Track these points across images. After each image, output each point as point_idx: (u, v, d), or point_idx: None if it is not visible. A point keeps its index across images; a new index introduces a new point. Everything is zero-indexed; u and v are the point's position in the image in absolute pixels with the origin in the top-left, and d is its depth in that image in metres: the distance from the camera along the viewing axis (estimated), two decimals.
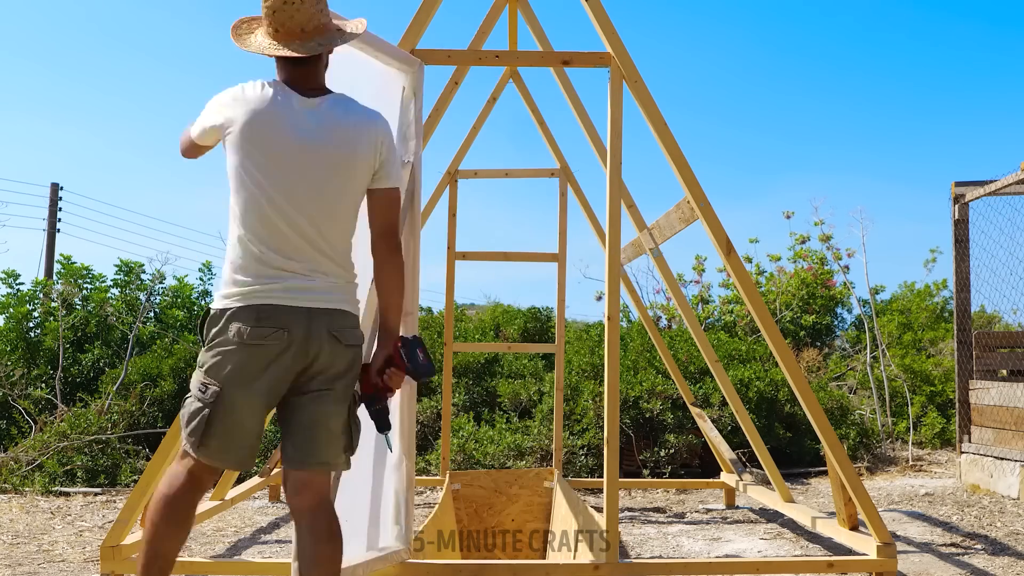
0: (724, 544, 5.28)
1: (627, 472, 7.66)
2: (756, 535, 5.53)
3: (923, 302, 14.88)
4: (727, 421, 7.85)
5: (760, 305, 3.98)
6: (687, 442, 7.73)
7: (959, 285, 7.49)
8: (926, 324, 13.78)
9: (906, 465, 8.26)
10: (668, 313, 12.69)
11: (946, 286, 14.97)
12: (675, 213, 4.79)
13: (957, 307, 7.53)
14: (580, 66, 4.03)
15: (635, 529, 5.77)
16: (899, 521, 5.92)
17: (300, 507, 2.70)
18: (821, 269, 13.34)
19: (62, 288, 9.71)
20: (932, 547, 5.16)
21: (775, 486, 5.48)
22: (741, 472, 6.32)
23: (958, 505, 6.46)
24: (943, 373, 10.42)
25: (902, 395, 9.89)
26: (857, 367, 11.12)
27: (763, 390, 8.30)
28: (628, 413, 7.82)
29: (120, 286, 10.30)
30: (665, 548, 5.19)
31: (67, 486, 7.03)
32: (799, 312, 12.86)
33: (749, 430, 5.64)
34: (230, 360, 2.61)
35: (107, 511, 6.27)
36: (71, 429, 7.47)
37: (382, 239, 2.80)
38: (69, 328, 9.39)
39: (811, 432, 8.04)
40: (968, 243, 7.42)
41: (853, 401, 9.86)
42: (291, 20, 2.68)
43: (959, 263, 7.45)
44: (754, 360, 9.18)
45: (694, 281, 13.69)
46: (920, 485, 7.36)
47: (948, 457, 8.73)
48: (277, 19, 2.70)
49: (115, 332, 9.58)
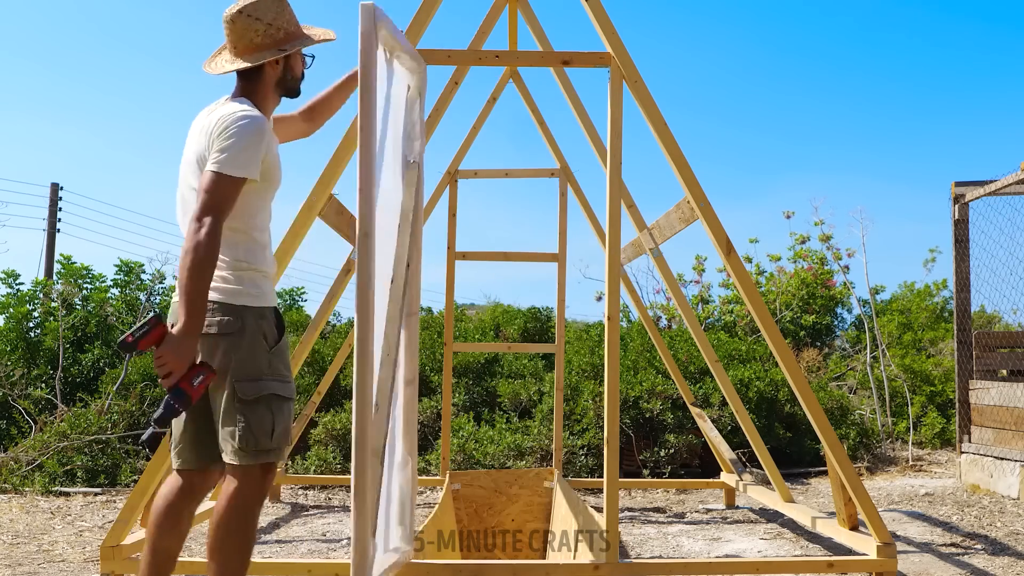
0: (724, 544, 5.28)
1: (627, 472, 7.66)
2: (756, 535, 5.53)
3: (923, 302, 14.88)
4: (727, 421, 7.85)
5: (760, 305, 3.98)
6: (687, 442, 7.73)
7: (959, 285, 7.49)
8: (926, 324, 13.78)
9: (906, 465, 8.26)
10: (668, 313, 12.69)
11: (946, 286, 14.98)
12: (675, 213, 4.79)
13: (957, 307, 7.53)
14: (580, 66, 4.03)
15: (635, 529, 5.77)
16: (899, 521, 5.92)
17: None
18: (821, 269, 13.34)
19: (62, 288, 9.72)
20: (932, 547, 5.16)
21: (775, 486, 5.48)
22: (741, 472, 6.32)
23: (958, 505, 6.46)
24: (943, 373, 10.42)
25: (902, 395, 9.89)
26: (857, 367, 11.12)
27: (763, 390, 8.30)
28: (628, 413, 7.82)
29: (120, 286, 10.31)
30: (665, 548, 5.19)
31: (67, 486, 7.03)
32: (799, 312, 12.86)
33: (749, 430, 5.64)
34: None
35: (107, 511, 6.27)
36: (71, 429, 7.47)
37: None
38: (69, 328, 9.40)
39: (811, 432, 8.04)
40: (968, 243, 7.42)
41: (853, 401, 9.86)
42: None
43: (959, 263, 7.45)
44: (754, 360, 9.18)
45: (694, 281, 13.70)
46: (920, 485, 7.36)
47: (948, 457, 8.73)
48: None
49: (115, 332, 9.58)
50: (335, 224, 4.70)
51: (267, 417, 2.81)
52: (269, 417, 2.81)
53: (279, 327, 2.97)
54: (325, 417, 7.78)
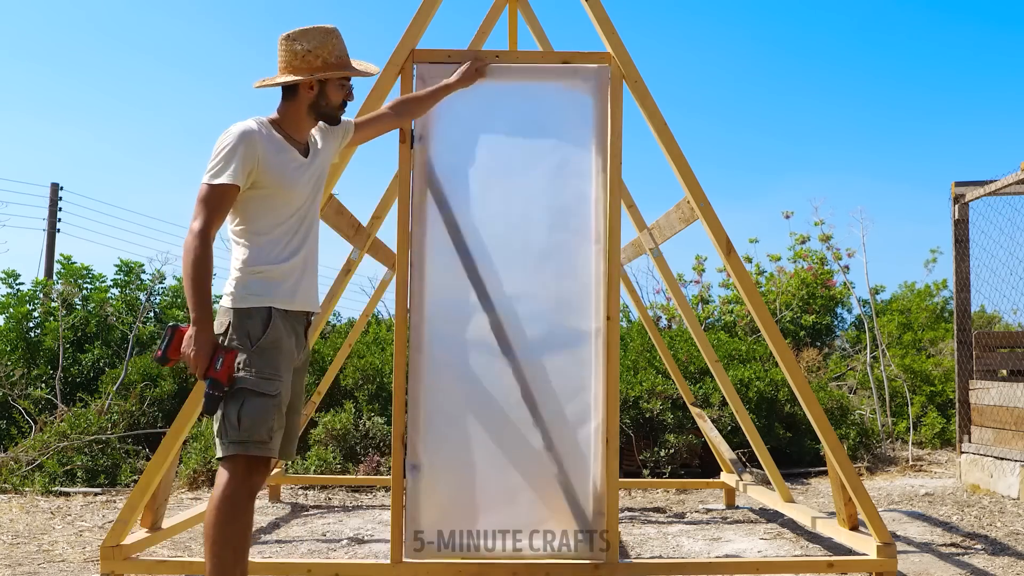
0: (724, 544, 5.28)
1: (627, 472, 7.66)
2: (756, 535, 5.53)
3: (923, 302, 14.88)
4: (727, 421, 7.85)
5: (760, 305, 3.98)
6: (687, 442, 7.73)
7: (959, 285, 7.49)
8: (926, 324, 13.78)
9: (906, 465, 8.26)
10: (668, 313, 12.69)
11: (946, 286, 14.98)
12: (675, 213, 4.79)
13: (957, 307, 7.53)
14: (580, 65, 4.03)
15: (635, 529, 5.77)
16: (899, 521, 5.92)
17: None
18: (821, 269, 13.34)
19: (62, 288, 9.72)
20: (932, 547, 5.16)
21: (775, 486, 5.48)
22: (741, 472, 6.32)
23: (958, 505, 6.46)
24: (943, 373, 10.42)
25: (902, 395, 9.89)
26: (857, 367, 11.11)
27: (763, 390, 8.30)
28: (628, 413, 7.82)
29: (120, 286, 10.30)
30: (665, 548, 5.19)
31: (67, 486, 7.03)
32: (799, 312, 12.86)
33: (749, 430, 5.64)
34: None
35: (107, 511, 6.27)
36: (71, 429, 7.47)
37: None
38: (69, 328, 9.40)
39: (811, 432, 8.04)
40: (968, 243, 7.42)
41: (853, 401, 9.86)
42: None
43: (959, 263, 7.45)
44: (754, 360, 9.18)
45: (694, 281, 13.70)
46: (920, 485, 7.36)
47: (948, 457, 8.73)
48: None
49: (115, 332, 9.58)
50: (335, 224, 4.70)
51: (234, 408, 3.00)
52: (236, 408, 3.00)
53: (272, 326, 3.10)
54: (325, 417, 7.78)
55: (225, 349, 3.00)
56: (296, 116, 3.26)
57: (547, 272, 3.89)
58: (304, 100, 3.24)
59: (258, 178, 3.09)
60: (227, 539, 2.98)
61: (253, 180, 3.09)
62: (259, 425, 3.02)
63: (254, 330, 3.07)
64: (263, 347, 3.07)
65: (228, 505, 2.99)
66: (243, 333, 3.06)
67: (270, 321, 3.10)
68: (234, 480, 3.01)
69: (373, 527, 5.78)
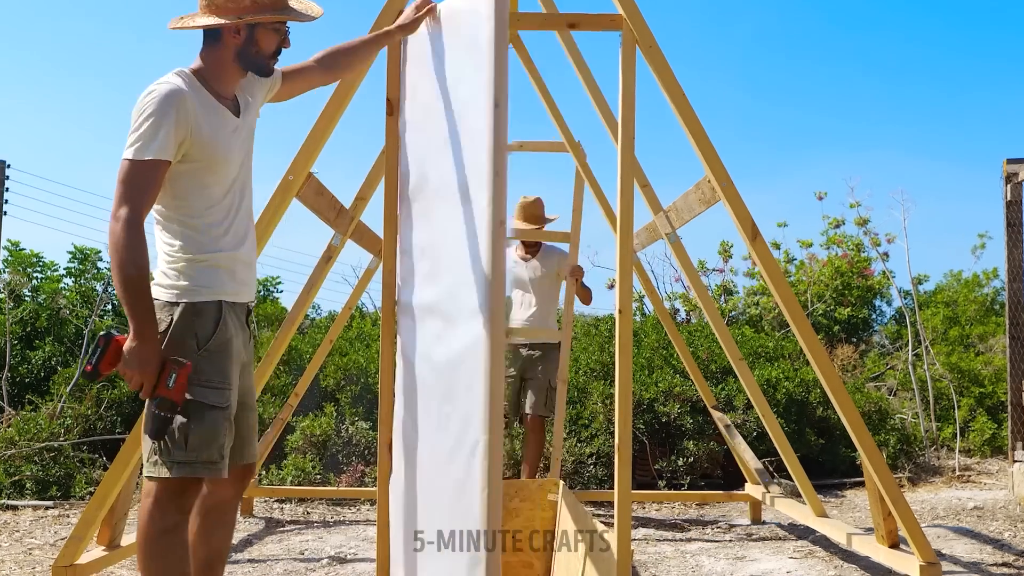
0: (749, 564, 5.30)
1: (641, 483, 7.67)
2: (785, 554, 5.54)
3: (971, 293, 14.89)
4: (752, 426, 7.86)
5: (789, 296, 3.97)
6: (708, 450, 7.74)
7: (1011, 274, 7.49)
8: (974, 318, 13.79)
9: (952, 475, 8.28)
10: (688, 305, 12.68)
11: (997, 275, 14.99)
12: (694, 194, 4.78)
13: (1009, 298, 7.53)
14: (588, 29, 4.01)
15: (649, 547, 5.78)
16: (944, 538, 5.93)
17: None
18: (857, 256, 13.35)
19: (9, 278, 9.73)
20: (982, 567, 5.17)
21: (806, 499, 5.49)
22: (768, 483, 6.33)
23: (1010, 520, 6.47)
24: (993, 372, 10.43)
25: (948, 397, 9.90)
26: (897, 366, 11.13)
27: (793, 391, 8.31)
28: (642, 417, 7.83)
29: (74, 275, 10.33)
30: (683, 568, 5.21)
31: (15, 499, 7.04)
32: (833, 304, 12.87)
33: (777, 436, 5.65)
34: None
35: (59, 527, 6.29)
36: (19, 435, 7.47)
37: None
38: (17, 322, 9.40)
39: (846, 438, 8.04)
40: (1022, 227, 7.41)
41: (893, 404, 9.87)
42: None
43: (1011, 249, 7.44)
44: (782, 358, 9.19)
45: (716, 270, 13.67)
46: (968, 498, 7.37)
47: (999, 466, 8.74)
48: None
49: (69, 326, 9.58)
50: (314, 206, 4.69)
51: (179, 423, 2.84)
52: (182, 423, 2.84)
53: (223, 324, 2.96)
54: (303, 422, 7.79)
55: (177, 363, 2.82)
56: (220, 66, 3.04)
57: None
58: (230, 47, 3.01)
59: (190, 149, 2.91)
60: (168, 572, 2.85)
61: (185, 151, 2.90)
62: (209, 443, 2.88)
63: (203, 329, 2.93)
64: (211, 350, 2.93)
65: (165, 537, 2.85)
66: (189, 333, 2.90)
67: (220, 318, 2.97)
68: (168, 504, 2.86)
69: (357, 544, 5.80)
